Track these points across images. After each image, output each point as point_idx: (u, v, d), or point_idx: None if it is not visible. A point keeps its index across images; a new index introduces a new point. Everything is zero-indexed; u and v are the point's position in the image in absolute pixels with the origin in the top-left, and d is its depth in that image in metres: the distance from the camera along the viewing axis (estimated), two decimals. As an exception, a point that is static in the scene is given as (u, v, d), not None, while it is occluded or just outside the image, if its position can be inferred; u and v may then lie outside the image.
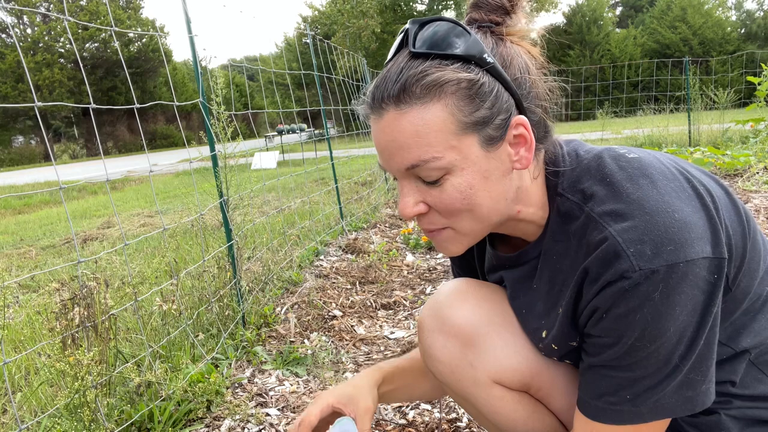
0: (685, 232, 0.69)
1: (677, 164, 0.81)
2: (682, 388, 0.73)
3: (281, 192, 5.57)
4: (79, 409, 1.43)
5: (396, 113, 0.73)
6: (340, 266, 3.07)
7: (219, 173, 2.11)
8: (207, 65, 2.29)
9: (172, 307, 1.86)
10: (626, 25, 37.23)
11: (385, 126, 0.75)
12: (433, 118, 0.72)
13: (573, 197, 0.80)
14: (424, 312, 1.01)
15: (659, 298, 0.69)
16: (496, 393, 0.94)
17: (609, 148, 0.84)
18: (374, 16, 22.43)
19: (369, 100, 0.77)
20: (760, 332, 0.82)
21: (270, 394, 1.79)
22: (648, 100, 12.59)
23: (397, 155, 0.75)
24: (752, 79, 6.04)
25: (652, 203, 0.72)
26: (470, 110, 0.73)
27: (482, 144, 0.74)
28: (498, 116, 0.74)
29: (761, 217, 3.42)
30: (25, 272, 3.86)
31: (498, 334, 0.93)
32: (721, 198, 0.78)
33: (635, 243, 0.70)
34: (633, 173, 0.76)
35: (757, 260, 0.81)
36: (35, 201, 9.26)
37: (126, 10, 34.48)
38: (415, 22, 0.77)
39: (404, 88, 0.72)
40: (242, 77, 25.33)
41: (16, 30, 32.89)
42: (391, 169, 0.77)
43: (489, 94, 0.73)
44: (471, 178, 0.75)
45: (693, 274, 0.69)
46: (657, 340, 0.70)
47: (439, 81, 0.72)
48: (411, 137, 0.73)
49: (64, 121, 36.80)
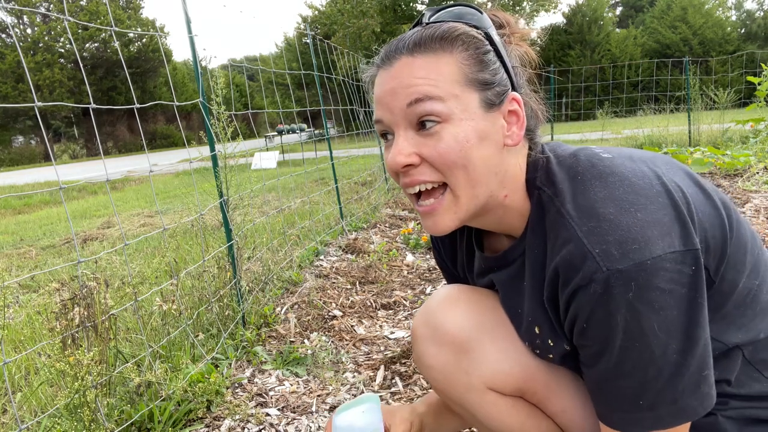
0: (648, 229, 0.70)
1: (650, 161, 0.82)
2: (699, 386, 0.73)
3: (281, 192, 5.56)
4: (79, 409, 1.43)
5: (408, 59, 0.78)
6: (340, 266, 3.07)
7: (219, 173, 2.11)
8: (207, 65, 2.29)
9: (172, 307, 1.86)
10: (626, 25, 37.23)
11: (394, 71, 0.79)
12: (443, 65, 0.77)
13: (548, 190, 0.81)
14: (417, 320, 1.01)
15: (633, 297, 0.69)
16: (490, 399, 0.94)
17: (586, 147, 0.87)
18: (374, 16, 22.42)
19: (379, 58, 0.82)
20: (751, 328, 0.82)
21: (270, 394, 1.79)
22: (648, 100, 12.58)
23: (402, 93, 0.77)
24: (752, 79, 6.04)
25: (616, 203, 0.73)
26: (476, 69, 0.78)
27: (481, 104, 0.78)
28: (498, 85, 0.80)
29: (761, 217, 3.42)
30: (25, 272, 3.86)
31: (491, 339, 0.93)
32: (693, 194, 0.78)
33: (600, 243, 0.71)
34: (603, 171, 0.78)
35: (742, 252, 0.81)
36: (35, 201, 9.26)
37: (126, 10, 34.48)
38: (430, 8, 0.85)
39: (419, 40, 0.79)
40: (242, 77, 25.34)
41: (16, 30, 32.90)
42: (392, 110, 0.79)
43: (492, 64, 0.80)
44: (469, 131, 0.77)
45: (664, 269, 0.69)
46: (644, 338, 0.70)
47: (452, 30, 0.79)
48: (419, 76, 0.77)
49: (64, 121, 36.80)
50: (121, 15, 32.88)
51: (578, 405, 0.92)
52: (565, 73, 18.89)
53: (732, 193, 4.24)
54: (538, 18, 27.00)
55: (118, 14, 32.56)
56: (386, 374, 1.86)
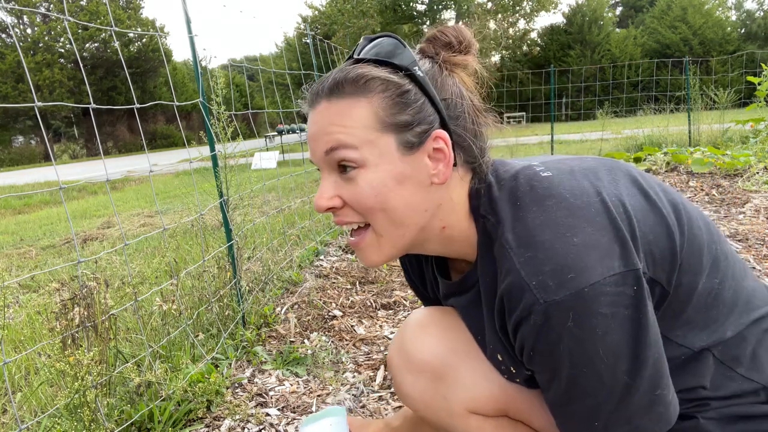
0: (584, 256, 0.69)
1: (592, 173, 0.81)
2: (652, 406, 0.73)
3: (281, 192, 5.56)
4: (79, 409, 1.43)
5: (326, 104, 0.79)
6: (340, 266, 3.07)
7: (219, 173, 2.11)
8: (207, 65, 2.29)
9: (172, 307, 1.86)
10: (626, 25, 37.23)
11: (314, 115, 0.80)
12: (358, 111, 0.77)
13: (491, 218, 0.80)
14: (391, 349, 1.01)
15: (574, 326, 0.68)
16: (473, 423, 0.93)
17: (527, 165, 0.85)
18: (374, 16, 22.42)
19: (308, 95, 0.83)
20: (716, 328, 0.81)
21: (270, 394, 1.79)
22: (648, 100, 12.57)
23: (321, 140, 0.79)
24: (752, 79, 6.04)
25: (552, 228, 0.72)
26: (393, 112, 0.77)
27: (399, 147, 0.77)
28: (419, 125, 0.78)
29: (761, 217, 3.42)
30: (25, 272, 3.86)
31: (465, 363, 0.92)
32: (636, 205, 0.77)
33: (537, 275, 0.70)
34: (541, 194, 0.77)
35: (697, 255, 0.80)
36: (35, 201, 9.26)
37: (126, 10, 34.48)
38: (366, 37, 0.84)
39: (336, 84, 0.79)
40: (242, 77, 25.33)
41: (16, 30, 32.90)
42: (315, 155, 0.81)
43: (413, 103, 0.78)
44: (384, 176, 0.77)
45: (604, 293, 0.68)
46: (590, 365, 0.70)
47: (365, 76, 0.78)
48: (335, 124, 0.77)
49: (64, 121, 36.81)
50: (121, 15, 32.89)
51: None
52: (565, 73, 18.89)
53: (732, 193, 4.24)
54: (538, 18, 27.01)
55: (118, 14, 32.57)
56: (386, 374, 1.86)
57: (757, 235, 3.02)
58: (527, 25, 29.70)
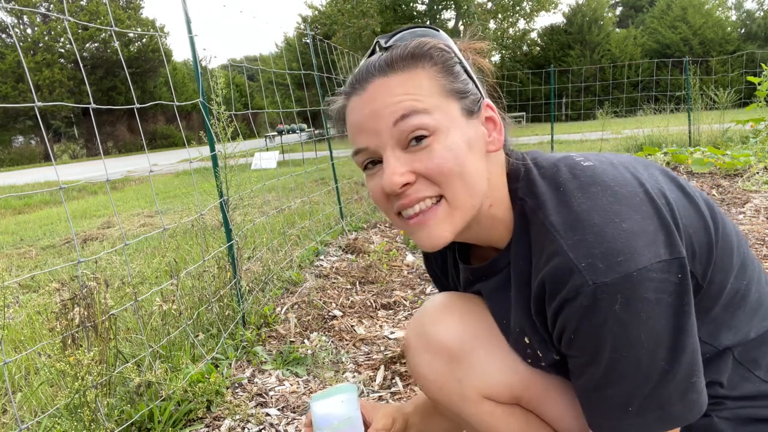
0: (633, 240, 0.70)
1: (633, 168, 0.82)
2: (687, 393, 0.73)
3: (281, 192, 5.56)
4: (79, 409, 1.43)
5: (383, 79, 0.77)
6: (340, 266, 3.07)
7: (219, 173, 2.11)
8: (207, 65, 2.29)
9: (172, 307, 1.86)
10: (626, 25, 37.24)
11: (370, 94, 0.78)
12: (421, 80, 0.77)
13: (531, 202, 0.81)
14: (409, 330, 1.01)
15: (620, 309, 0.69)
16: (486, 408, 0.93)
17: (567, 155, 0.86)
18: (374, 16, 22.43)
19: (347, 87, 0.81)
20: (741, 328, 0.82)
21: (270, 394, 1.79)
22: (648, 100, 12.58)
23: (385, 111, 0.76)
24: (752, 79, 6.04)
25: (600, 214, 0.73)
26: (450, 80, 0.79)
27: (462, 112, 0.79)
28: (471, 93, 0.80)
29: (761, 217, 3.42)
30: (25, 272, 3.87)
31: (484, 348, 0.93)
32: (677, 199, 0.79)
33: (586, 257, 0.71)
34: (585, 181, 0.78)
35: (728, 254, 0.81)
36: (35, 201, 9.26)
37: (126, 10, 34.49)
38: (383, 35, 0.84)
39: (389, 60, 0.78)
40: (242, 77, 25.33)
41: (16, 30, 32.90)
42: (377, 132, 0.77)
43: (461, 75, 0.80)
44: (458, 139, 0.77)
45: (650, 279, 0.69)
46: (631, 348, 0.71)
47: (422, 45, 0.78)
48: (401, 93, 0.76)
49: (64, 121, 36.81)
50: (121, 15, 32.88)
51: (575, 411, 0.92)
52: (565, 73, 18.91)
53: (732, 193, 4.24)
54: (538, 18, 27.01)
55: (118, 14, 32.57)
56: (386, 374, 1.86)
57: (757, 235, 3.02)
58: (527, 25, 29.70)
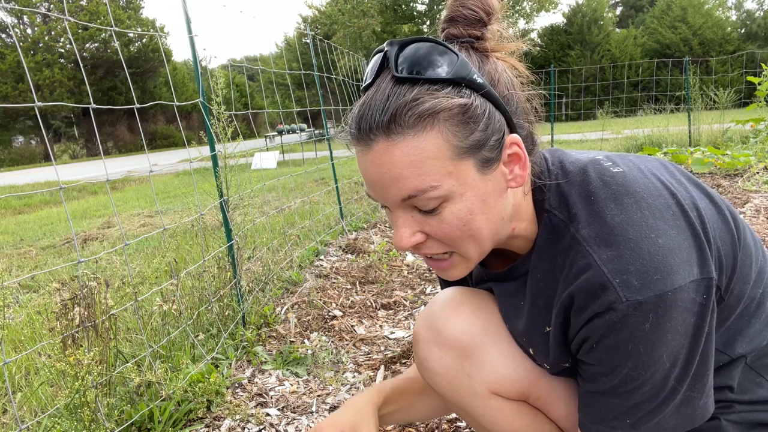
0: (670, 258, 0.68)
1: (661, 175, 0.79)
2: (681, 407, 0.73)
3: (281, 192, 5.56)
4: (79, 409, 1.43)
5: (387, 144, 0.68)
6: (340, 266, 3.07)
7: (219, 173, 2.11)
8: (207, 65, 2.29)
9: (172, 307, 1.86)
10: (626, 25, 37.24)
11: (375, 158, 0.70)
12: (428, 146, 0.68)
13: (560, 214, 0.78)
14: (419, 324, 1.00)
15: (650, 329, 0.68)
16: (494, 404, 0.93)
17: (594, 159, 0.82)
18: (375, 16, 22.43)
19: (354, 130, 0.71)
20: (755, 336, 0.82)
21: (270, 394, 1.79)
22: (648, 100, 12.58)
23: (392, 187, 0.70)
24: (752, 79, 6.04)
25: (636, 228, 0.71)
26: (465, 134, 0.69)
27: (478, 167, 0.71)
28: (492, 137, 0.71)
29: (761, 217, 3.42)
30: (25, 272, 3.86)
31: (494, 344, 0.92)
32: (707, 210, 0.76)
33: (621, 273, 0.68)
34: (617, 191, 0.75)
35: (748, 264, 0.80)
36: (35, 201, 9.26)
37: (126, 10, 34.48)
38: (393, 43, 0.72)
39: (394, 117, 0.68)
40: (242, 77, 25.34)
41: (16, 30, 32.90)
42: (386, 200, 0.73)
43: (482, 116, 0.70)
44: (470, 203, 0.71)
45: (682, 299, 0.68)
46: (651, 367, 0.70)
47: (433, 109, 0.67)
48: (406, 167, 0.68)
49: (64, 121, 36.81)
50: (121, 15, 32.88)
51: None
52: (565, 73, 18.90)
53: (732, 193, 4.24)
54: (538, 18, 26.97)
55: (118, 14, 32.56)
56: (386, 374, 1.86)
57: (757, 235, 3.02)
58: (527, 25, 29.70)
